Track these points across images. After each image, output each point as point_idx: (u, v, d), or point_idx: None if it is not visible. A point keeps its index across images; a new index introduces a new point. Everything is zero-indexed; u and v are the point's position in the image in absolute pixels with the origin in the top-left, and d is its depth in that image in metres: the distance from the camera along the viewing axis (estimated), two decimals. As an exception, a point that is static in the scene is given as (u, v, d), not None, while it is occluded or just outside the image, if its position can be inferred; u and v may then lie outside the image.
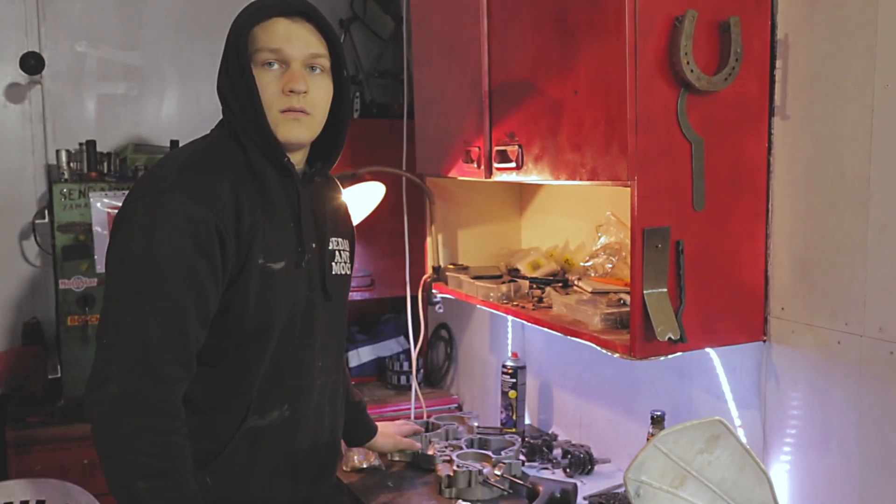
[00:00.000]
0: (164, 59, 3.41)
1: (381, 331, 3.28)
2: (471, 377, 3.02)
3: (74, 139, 3.13)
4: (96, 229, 2.89)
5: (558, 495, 1.92)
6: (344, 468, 2.19)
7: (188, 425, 1.43)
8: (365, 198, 2.50)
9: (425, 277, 2.52)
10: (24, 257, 3.23)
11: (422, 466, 2.19)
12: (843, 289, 1.61)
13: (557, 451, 2.25)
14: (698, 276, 1.67)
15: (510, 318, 2.44)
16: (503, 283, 2.22)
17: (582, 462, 2.18)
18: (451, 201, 2.54)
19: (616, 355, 1.69)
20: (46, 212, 3.02)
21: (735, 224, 1.72)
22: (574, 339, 1.83)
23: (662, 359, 1.70)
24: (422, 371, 3.20)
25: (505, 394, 2.49)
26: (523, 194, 2.61)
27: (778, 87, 1.71)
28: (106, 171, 3.03)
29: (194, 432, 1.45)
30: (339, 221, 1.73)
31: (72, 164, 2.99)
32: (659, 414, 1.92)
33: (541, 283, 2.22)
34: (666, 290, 1.63)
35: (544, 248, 2.44)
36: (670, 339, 1.62)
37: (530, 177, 1.91)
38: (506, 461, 2.06)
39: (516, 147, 1.94)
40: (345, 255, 1.70)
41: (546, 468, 2.22)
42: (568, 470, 2.18)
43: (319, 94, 1.53)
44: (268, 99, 1.48)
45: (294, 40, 1.50)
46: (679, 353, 1.69)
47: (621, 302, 1.86)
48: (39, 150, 3.23)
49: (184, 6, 3.41)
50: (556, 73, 1.78)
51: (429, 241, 2.53)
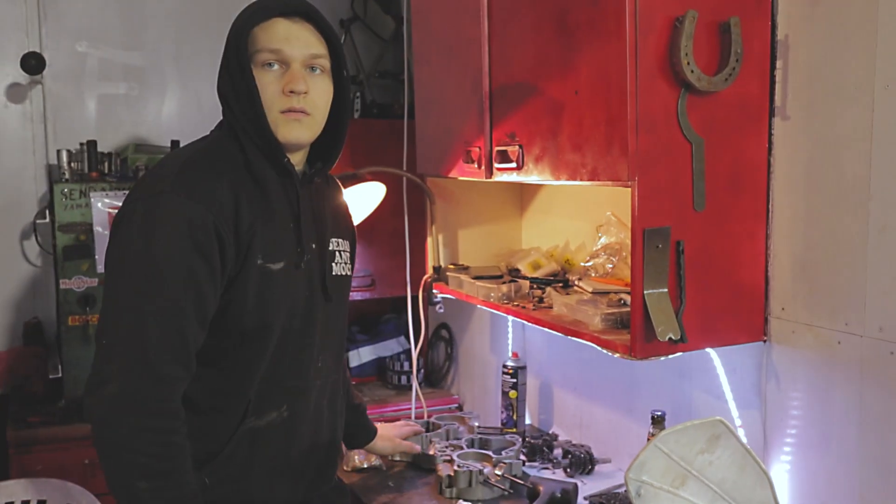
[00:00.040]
0: (164, 60, 3.41)
1: (382, 331, 3.28)
2: (471, 377, 3.02)
3: (75, 139, 3.14)
4: (97, 229, 2.89)
5: (559, 495, 1.92)
6: (345, 468, 2.19)
7: (187, 425, 1.43)
8: (365, 198, 2.50)
9: (426, 277, 2.52)
10: (24, 257, 3.23)
11: (422, 466, 2.19)
12: (843, 289, 1.61)
13: (558, 451, 2.25)
14: (699, 277, 1.67)
15: (511, 318, 2.44)
16: (504, 283, 2.22)
17: (582, 462, 2.18)
18: (451, 201, 2.53)
19: (616, 355, 1.69)
20: (47, 212, 3.02)
21: (735, 224, 1.72)
22: (574, 339, 1.83)
23: (663, 359, 1.70)
24: (422, 371, 3.20)
25: (505, 394, 2.49)
26: (524, 194, 2.61)
27: (778, 87, 1.71)
28: (107, 171, 3.04)
29: (194, 432, 1.45)
30: (340, 222, 1.73)
31: (73, 164, 2.99)
32: (659, 414, 1.92)
33: (541, 283, 2.22)
34: (666, 290, 1.63)
35: (545, 249, 2.44)
36: (671, 339, 1.62)
37: (531, 177, 1.91)
38: (506, 461, 2.06)
39: (517, 147, 1.93)
40: (345, 255, 1.70)
41: (546, 468, 2.23)
42: (568, 470, 2.18)
43: (320, 94, 1.53)
44: (268, 99, 1.48)
45: (294, 41, 1.50)
46: (679, 354, 1.69)
47: (622, 302, 1.86)
48: (40, 150, 3.23)
49: (184, 6, 3.41)
50: (557, 73, 1.78)
51: (429, 241, 2.53)
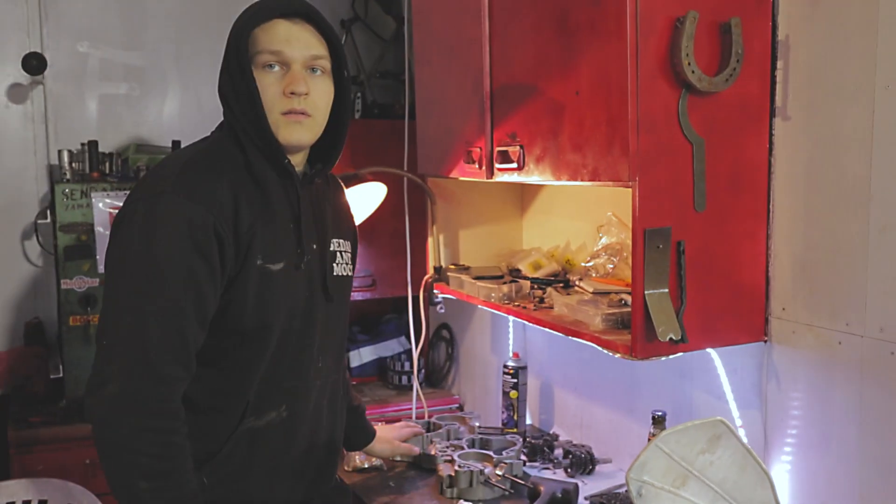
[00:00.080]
0: (165, 60, 3.41)
1: (383, 331, 3.28)
2: (472, 377, 3.02)
3: (76, 139, 3.14)
4: (98, 229, 2.89)
5: (559, 495, 1.92)
6: (346, 468, 2.19)
7: (187, 425, 1.44)
8: (366, 198, 2.50)
9: (427, 278, 2.52)
10: (26, 257, 3.23)
11: (423, 466, 2.19)
12: (843, 289, 1.61)
13: (559, 451, 2.25)
14: (699, 277, 1.67)
15: (511, 318, 2.44)
16: (504, 283, 2.22)
17: (583, 462, 2.18)
18: (452, 202, 2.54)
19: (617, 356, 1.69)
20: (48, 212, 3.02)
21: (736, 224, 1.72)
22: (575, 339, 1.83)
23: (663, 359, 1.70)
24: (423, 371, 3.20)
25: (506, 394, 2.49)
26: (524, 195, 2.61)
27: (779, 87, 1.71)
28: (108, 171, 3.04)
29: (193, 432, 1.45)
30: (341, 222, 1.73)
31: (74, 165, 2.99)
32: (660, 414, 1.92)
33: (542, 283, 2.22)
34: (667, 290, 1.63)
35: (545, 249, 2.44)
36: (671, 339, 1.62)
37: (532, 177, 1.91)
38: (507, 461, 2.06)
39: (518, 147, 1.94)
40: (346, 256, 1.70)
41: (547, 468, 2.22)
42: (569, 470, 2.18)
43: (320, 95, 1.53)
44: (269, 101, 1.48)
45: (294, 42, 1.50)
46: (680, 354, 1.69)
47: (622, 302, 1.86)
48: (41, 151, 3.24)
49: (185, 6, 3.41)
50: (558, 73, 1.78)
51: (430, 241, 2.53)
